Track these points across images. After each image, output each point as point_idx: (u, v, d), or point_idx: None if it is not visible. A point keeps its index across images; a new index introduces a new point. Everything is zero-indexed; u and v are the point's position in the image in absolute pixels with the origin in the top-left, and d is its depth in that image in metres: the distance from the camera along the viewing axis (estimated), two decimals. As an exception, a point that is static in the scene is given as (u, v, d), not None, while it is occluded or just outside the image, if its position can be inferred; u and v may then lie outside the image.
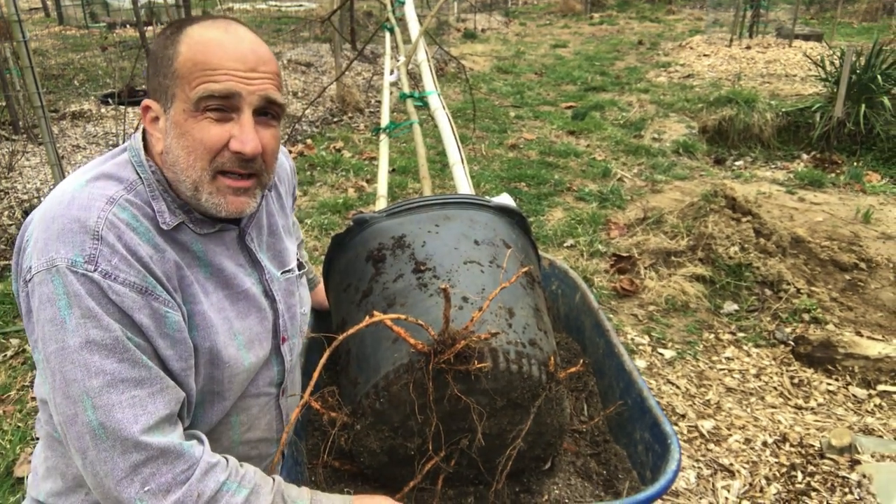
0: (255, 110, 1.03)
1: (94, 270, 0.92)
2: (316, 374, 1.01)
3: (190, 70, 0.99)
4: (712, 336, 3.48)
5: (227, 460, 1.01)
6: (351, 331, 1.10)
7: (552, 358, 1.22)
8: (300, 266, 1.32)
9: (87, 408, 0.91)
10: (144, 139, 1.09)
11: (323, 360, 1.02)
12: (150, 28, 9.84)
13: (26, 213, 4.49)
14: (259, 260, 1.17)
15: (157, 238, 1.00)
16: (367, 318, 1.11)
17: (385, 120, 2.79)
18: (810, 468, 2.53)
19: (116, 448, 0.91)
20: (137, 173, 1.04)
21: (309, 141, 6.57)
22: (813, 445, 2.65)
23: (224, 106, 1.00)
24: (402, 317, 1.12)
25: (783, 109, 6.77)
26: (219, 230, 1.11)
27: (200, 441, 1.00)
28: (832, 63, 6.96)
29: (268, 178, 1.10)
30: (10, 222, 4.48)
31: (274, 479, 1.04)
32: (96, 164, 1.06)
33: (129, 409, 0.91)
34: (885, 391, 3.02)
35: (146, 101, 1.04)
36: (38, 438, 1.16)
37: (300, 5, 16.08)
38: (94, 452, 0.91)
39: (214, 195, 1.03)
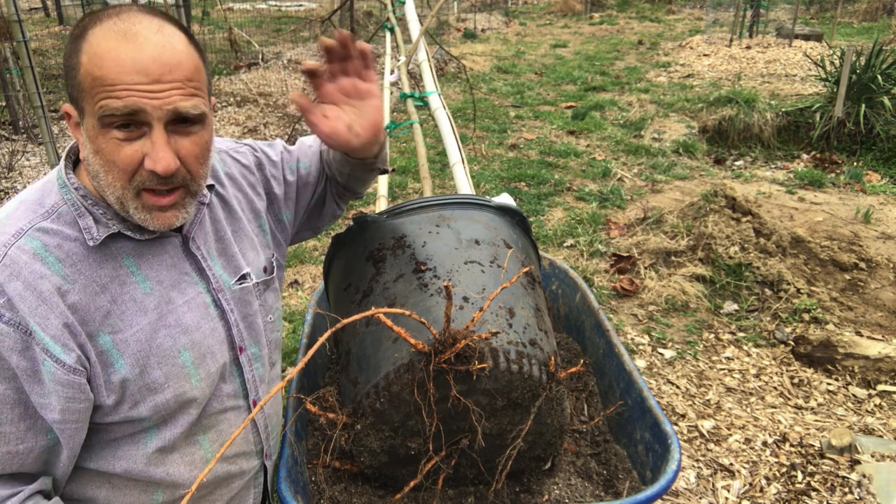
0: (167, 122, 0.95)
1: None
2: (306, 358, 1.01)
3: (91, 85, 0.92)
4: (712, 336, 3.48)
5: None
6: (349, 319, 1.09)
7: (553, 358, 1.22)
8: (270, 268, 1.26)
9: None
10: (75, 156, 1.06)
11: (317, 344, 1.01)
12: (150, 28, 9.84)
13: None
14: (205, 268, 1.11)
15: (67, 269, 0.96)
16: (370, 310, 1.11)
17: (385, 120, 2.78)
18: (810, 468, 2.53)
19: None
20: (61, 193, 1.00)
21: (309, 141, 6.57)
22: (813, 445, 2.65)
23: (130, 122, 0.93)
24: (404, 312, 1.12)
25: (783, 109, 6.77)
26: (159, 236, 1.06)
27: (16, 493, 0.94)
28: (832, 63, 6.96)
29: (197, 186, 1.03)
30: (10, 222, 4.48)
31: None
32: (26, 191, 1.03)
33: None
34: (885, 391, 3.02)
35: (65, 107, 0.99)
36: None
37: (300, 5, 16.09)
38: None
39: (140, 211, 0.98)
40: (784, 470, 2.55)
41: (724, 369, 3.22)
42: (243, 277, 1.17)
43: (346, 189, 1.41)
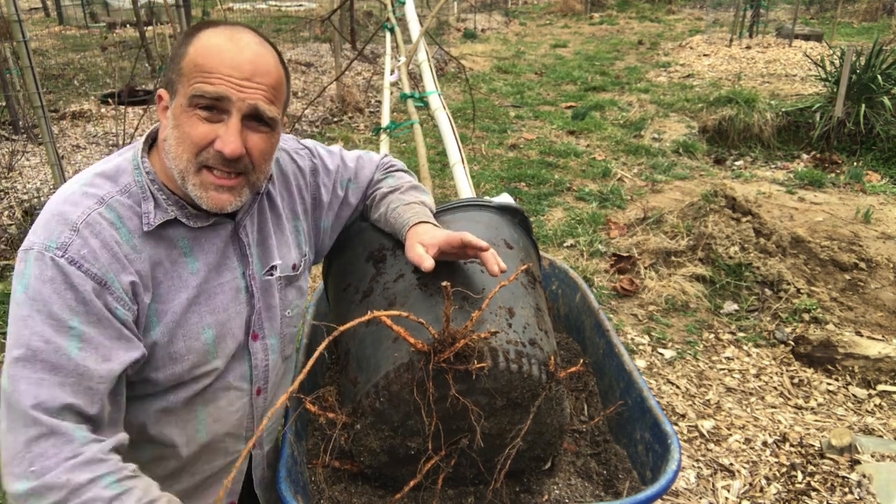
0: (244, 115, 1.08)
1: (62, 256, 1.01)
2: (309, 365, 1.00)
3: (191, 70, 1.06)
4: (712, 336, 3.48)
5: (120, 464, 1.00)
6: (349, 324, 1.10)
7: (552, 358, 1.22)
8: (296, 266, 1.32)
9: (4, 375, 0.98)
10: (152, 140, 1.17)
11: (316, 354, 1.01)
12: (150, 28, 9.84)
13: (26, 212, 4.49)
14: (248, 255, 1.22)
15: (136, 239, 1.08)
16: (369, 313, 1.11)
17: (385, 120, 2.79)
18: (810, 468, 2.53)
19: (19, 420, 0.96)
20: (133, 175, 1.12)
21: (309, 141, 6.58)
22: (813, 445, 2.65)
23: (215, 107, 1.06)
24: (403, 314, 1.12)
25: (783, 109, 6.77)
26: (213, 223, 1.17)
27: (102, 440, 1.00)
28: (832, 63, 6.96)
29: (256, 177, 1.15)
30: (10, 222, 4.48)
31: (163, 497, 1.01)
32: (104, 163, 1.15)
33: (32, 387, 0.96)
34: (885, 391, 3.02)
35: (161, 91, 1.12)
36: None
37: (300, 5, 16.09)
38: (6, 422, 0.97)
39: (198, 188, 1.09)
40: (784, 470, 2.55)
41: (724, 369, 3.22)
42: (272, 269, 1.26)
43: (373, 223, 1.49)
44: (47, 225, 1.04)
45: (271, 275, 1.26)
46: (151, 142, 1.18)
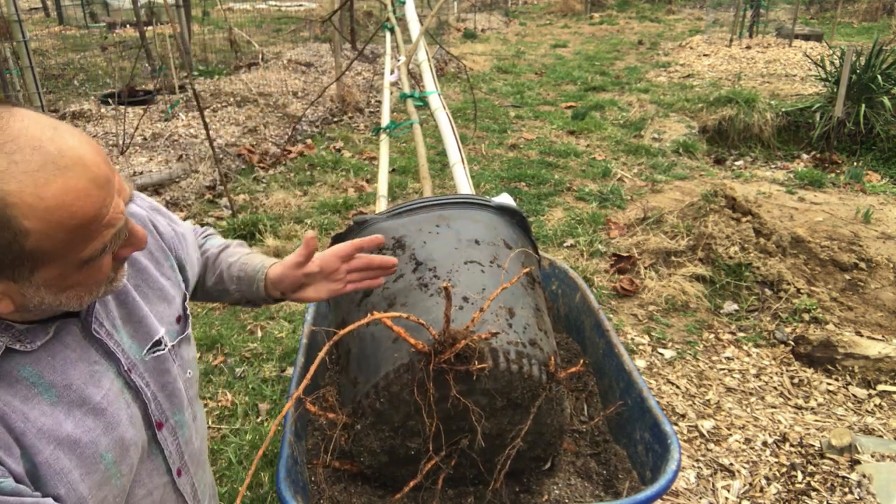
0: None
1: None
2: (311, 371, 1.00)
3: (62, 240, 0.77)
4: (712, 336, 3.48)
5: None
6: (349, 328, 1.10)
7: (552, 358, 1.22)
8: (184, 318, 1.11)
9: None
10: None
11: (318, 359, 1.01)
12: (150, 28, 9.84)
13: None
14: (113, 350, 0.96)
15: None
16: (369, 315, 1.11)
17: (385, 120, 2.79)
18: (810, 468, 2.53)
19: None
20: None
21: (309, 141, 6.58)
22: (813, 445, 2.65)
23: None
24: (403, 315, 1.12)
25: (783, 109, 6.77)
26: (54, 333, 0.90)
27: None
28: (832, 63, 6.96)
29: None
30: (10, 222, 4.48)
31: None
32: None
33: None
34: (885, 391, 3.02)
35: None
36: None
37: (300, 5, 16.09)
38: None
39: (110, 287, 0.91)
40: (784, 470, 2.55)
41: (724, 369, 3.22)
42: (157, 343, 1.02)
43: (206, 293, 1.30)
44: None
45: (159, 350, 1.02)
46: None
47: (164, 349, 1.03)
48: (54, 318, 0.89)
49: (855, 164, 6.01)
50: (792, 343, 3.34)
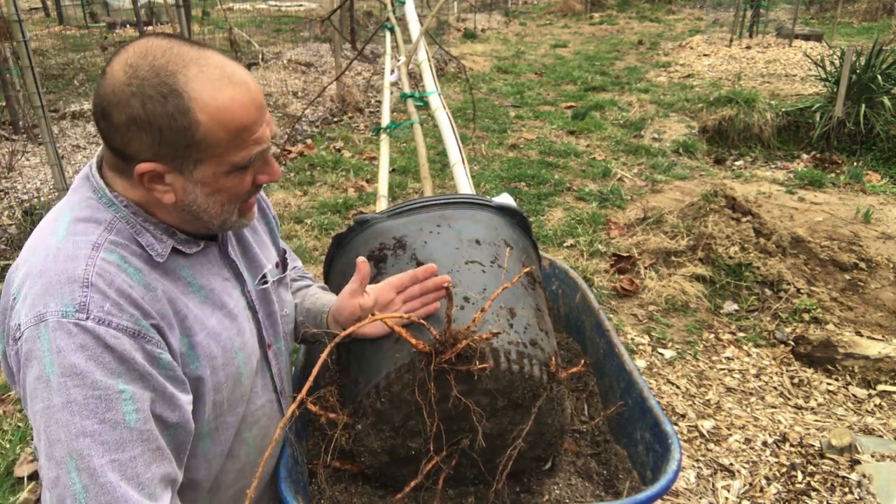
0: None
1: (87, 318, 0.89)
2: (314, 373, 1.01)
3: (222, 139, 0.95)
4: (712, 336, 3.49)
5: None
6: (350, 329, 1.10)
7: (553, 358, 1.22)
8: (282, 264, 1.30)
9: (69, 470, 0.87)
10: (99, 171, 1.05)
11: (320, 361, 1.01)
12: (150, 28, 9.84)
13: (26, 213, 4.49)
14: (241, 272, 1.17)
15: (147, 277, 0.98)
16: (370, 316, 1.11)
17: (385, 120, 2.79)
18: (810, 468, 2.54)
19: None
20: (111, 211, 1.01)
21: (309, 141, 6.58)
22: (813, 445, 2.65)
23: None
24: (404, 315, 1.12)
25: (783, 109, 6.77)
26: (203, 248, 1.10)
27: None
28: (832, 63, 6.96)
29: None
30: (10, 222, 4.49)
31: None
32: (64, 209, 1.02)
33: (110, 473, 0.88)
34: (885, 391, 3.02)
35: (148, 166, 0.95)
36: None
37: (300, 5, 16.09)
38: None
39: (240, 218, 1.07)
40: (784, 470, 2.55)
41: (724, 369, 3.22)
42: (263, 278, 1.21)
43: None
44: (50, 289, 0.90)
45: (265, 283, 1.21)
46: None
47: (267, 284, 1.22)
48: (202, 238, 1.09)
49: (855, 164, 6.01)
50: (792, 343, 3.34)
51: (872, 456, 2.55)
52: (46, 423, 0.88)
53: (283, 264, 1.31)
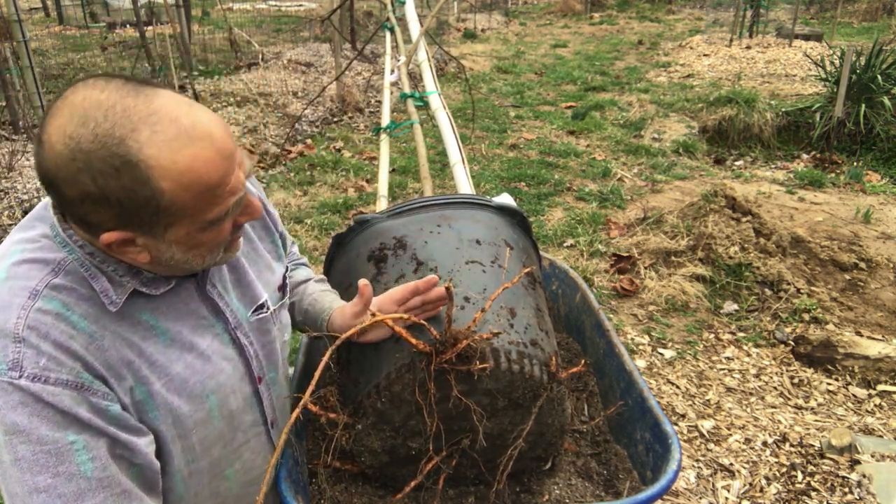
0: None
1: (21, 377, 0.84)
2: (316, 376, 1.01)
3: (191, 201, 0.87)
4: (712, 336, 3.49)
5: None
6: (352, 331, 1.10)
7: (553, 358, 1.22)
8: (283, 287, 1.23)
9: None
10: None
11: (322, 363, 1.02)
12: (150, 28, 9.84)
13: (26, 213, 4.49)
14: (223, 309, 1.08)
15: (94, 324, 0.91)
16: (371, 316, 1.11)
17: (385, 120, 2.79)
18: (810, 468, 2.54)
19: None
20: (64, 251, 0.93)
21: (309, 141, 6.58)
22: (813, 445, 2.65)
23: None
24: (404, 316, 1.12)
25: (783, 109, 6.77)
26: (174, 286, 1.01)
27: None
28: (832, 63, 6.96)
29: None
30: (10, 222, 4.49)
31: None
32: (11, 247, 0.94)
33: None
34: (885, 391, 3.02)
35: (113, 235, 0.86)
36: None
37: (300, 5, 16.09)
38: None
39: (225, 256, 1.01)
40: (784, 470, 2.55)
41: (724, 369, 3.22)
42: (261, 307, 1.14)
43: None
44: None
45: (262, 313, 1.14)
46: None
47: (266, 312, 1.14)
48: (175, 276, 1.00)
49: (855, 164, 6.01)
50: (792, 343, 3.34)
51: (872, 456, 2.55)
52: (2, 478, 0.86)
53: (285, 286, 1.24)
